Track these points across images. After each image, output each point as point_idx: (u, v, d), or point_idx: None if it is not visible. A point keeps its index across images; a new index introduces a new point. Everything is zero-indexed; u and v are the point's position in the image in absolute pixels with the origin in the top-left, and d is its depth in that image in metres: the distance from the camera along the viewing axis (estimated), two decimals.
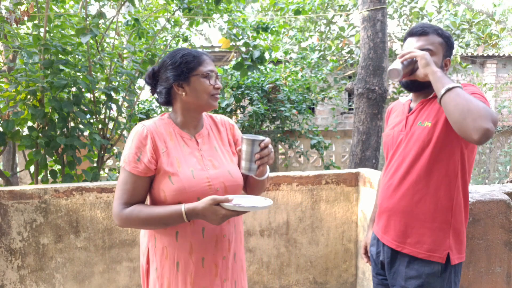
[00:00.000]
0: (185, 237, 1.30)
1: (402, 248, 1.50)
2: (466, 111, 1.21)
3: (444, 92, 1.29)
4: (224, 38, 5.04)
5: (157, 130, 1.32)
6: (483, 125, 1.18)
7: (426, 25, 1.50)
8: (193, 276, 1.31)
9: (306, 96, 6.42)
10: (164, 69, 1.35)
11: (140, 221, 1.25)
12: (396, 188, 1.52)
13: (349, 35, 7.53)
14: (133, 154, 1.27)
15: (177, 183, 1.27)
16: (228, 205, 1.17)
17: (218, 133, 1.47)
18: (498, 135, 8.67)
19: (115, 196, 1.30)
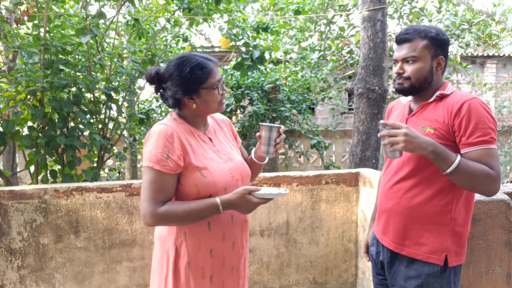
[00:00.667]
0: (217, 226, 1.39)
1: (401, 249, 1.50)
2: (472, 188, 1.38)
3: (445, 174, 1.36)
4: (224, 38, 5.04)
5: (179, 129, 1.39)
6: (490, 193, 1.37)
7: (410, 30, 1.47)
8: (225, 259, 1.43)
9: (306, 96, 6.41)
10: (172, 80, 1.38)
11: (177, 217, 1.31)
12: (396, 189, 1.52)
13: (349, 35, 7.53)
14: (160, 153, 1.31)
15: (209, 177, 1.36)
16: (260, 194, 1.31)
17: (220, 130, 1.58)
18: (498, 135, 8.67)
19: (143, 196, 1.31)
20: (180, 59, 1.39)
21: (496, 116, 9.48)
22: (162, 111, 7.19)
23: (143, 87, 4.30)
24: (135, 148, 6.25)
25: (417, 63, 1.45)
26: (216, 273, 1.42)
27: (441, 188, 1.42)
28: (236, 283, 1.49)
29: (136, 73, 3.69)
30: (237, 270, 1.49)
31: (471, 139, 1.35)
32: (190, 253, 1.38)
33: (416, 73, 1.45)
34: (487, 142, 1.34)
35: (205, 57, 1.41)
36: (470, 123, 1.35)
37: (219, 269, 1.43)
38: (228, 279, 1.46)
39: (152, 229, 2.31)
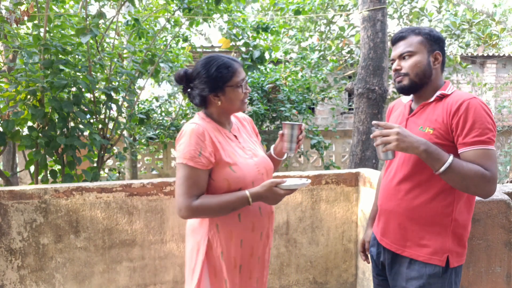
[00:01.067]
0: (247, 217, 1.49)
1: (402, 251, 1.49)
2: (465, 188, 1.35)
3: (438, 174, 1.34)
4: (224, 38, 5.04)
5: (208, 127, 1.48)
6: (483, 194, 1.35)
7: (404, 30, 1.51)
8: (253, 249, 1.53)
9: (306, 96, 6.41)
10: (199, 79, 1.49)
11: (210, 210, 1.41)
12: (396, 190, 1.51)
13: (349, 35, 7.53)
14: (194, 150, 1.41)
15: (238, 171, 1.46)
16: (285, 185, 1.41)
17: (243, 127, 1.69)
18: (498, 135, 8.67)
19: (179, 191, 1.41)
20: (208, 59, 1.51)
21: (496, 116, 9.48)
22: (162, 111, 7.20)
23: (143, 87, 4.30)
24: (135, 148, 6.25)
25: (413, 57, 1.46)
26: (245, 263, 1.52)
27: (441, 189, 1.42)
28: (261, 272, 1.60)
29: (136, 73, 3.69)
30: (262, 259, 1.59)
31: (467, 139, 1.34)
32: (223, 244, 1.47)
33: (413, 68, 1.45)
34: (483, 142, 1.33)
35: (230, 58, 1.52)
36: (467, 123, 1.34)
37: (248, 259, 1.52)
38: (255, 268, 1.56)
39: (152, 229, 2.31)
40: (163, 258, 2.34)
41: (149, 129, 6.63)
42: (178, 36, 5.48)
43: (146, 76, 3.97)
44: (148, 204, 2.29)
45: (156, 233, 2.32)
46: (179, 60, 5.81)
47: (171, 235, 2.33)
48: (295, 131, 1.56)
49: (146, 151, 7.47)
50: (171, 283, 2.36)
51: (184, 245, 2.34)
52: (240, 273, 1.51)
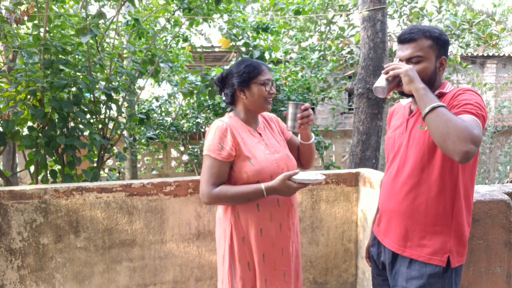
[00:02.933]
0: (265, 207, 1.61)
1: (403, 251, 1.49)
2: (446, 134, 1.24)
3: (425, 113, 1.30)
4: (224, 38, 5.04)
5: (233, 124, 1.64)
6: (462, 148, 1.21)
7: (414, 30, 1.47)
8: (274, 239, 1.62)
9: (306, 96, 6.41)
10: (231, 76, 1.68)
11: (228, 198, 1.55)
12: (397, 191, 1.52)
13: (349, 35, 7.53)
14: (217, 144, 1.57)
15: (257, 165, 1.59)
16: (298, 179, 1.50)
17: (269, 127, 1.82)
18: (498, 135, 8.67)
19: (202, 179, 1.58)
20: (240, 60, 1.70)
21: (496, 116, 9.48)
22: (162, 111, 7.19)
23: (143, 87, 4.30)
24: (135, 148, 6.25)
25: (422, 63, 1.44)
26: (268, 252, 1.61)
27: (442, 189, 1.42)
28: (287, 266, 1.66)
29: (136, 73, 3.69)
30: (287, 252, 1.65)
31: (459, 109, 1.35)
32: (244, 229, 1.61)
33: (421, 74, 1.43)
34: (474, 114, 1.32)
35: (261, 62, 1.69)
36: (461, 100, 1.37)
37: (270, 248, 1.61)
38: (279, 260, 1.63)
39: (152, 229, 2.31)
40: (163, 258, 2.34)
41: (149, 129, 6.63)
42: (178, 36, 5.48)
43: (146, 76, 3.97)
44: (148, 204, 2.29)
45: (156, 233, 2.32)
46: (179, 60, 5.81)
47: (171, 235, 2.33)
48: (297, 109, 1.63)
49: (146, 151, 7.47)
50: (171, 283, 2.36)
51: (184, 245, 2.35)
52: (264, 262, 1.61)
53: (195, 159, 6.36)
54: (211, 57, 10.64)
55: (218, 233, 1.70)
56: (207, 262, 2.38)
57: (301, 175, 1.53)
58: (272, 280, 1.62)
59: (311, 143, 1.80)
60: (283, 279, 1.64)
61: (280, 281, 1.63)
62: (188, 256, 2.36)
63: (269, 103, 1.67)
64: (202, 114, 6.50)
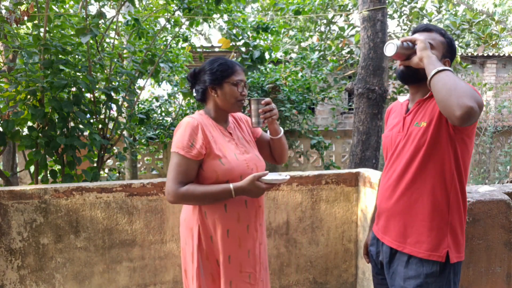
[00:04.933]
0: (233, 208, 1.58)
1: (403, 248, 1.50)
2: (453, 89, 1.23)
3: (434, 73, 1.31)
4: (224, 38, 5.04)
5: (204, 122, 1.60)
6: (466, 102, 1.19)
7: (431, 25, 1.55)
8: (241, 240, 1.60)
9: (306, 96, 6.41)
10: (203, 73, 1.65)
11: (195, 197, 1.52)
12: (394, 189, 1.53)
13: (349, 35, 7.53)
14: (186, 141, 1.52)
15: (227, 164, 1.56)
16: (267, 179, 1.51)
17: (239, 126, 1.79)
18: (498, 135, 8.67)
19: (169, 177, 1.53)
20: (214, 58, 1.66)
21: (496, 116, 9.48)
22: (162, 111, 7.20)
23: (143, 87, 4.30)
24: (135, 148, 6.25)
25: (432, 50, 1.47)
26: (234, 254, 1.59)
27: (439, 184, 1.43)
28: (253, 267, 1.64)
29: (136, 73, 3.69)
30: (253, 254, 1.64)
31: None
32: (211, 229, 1.58)
33: None
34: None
35: (235, 62, 1.67)
36: None
37: (236, 250, 1.59)
38: (246, 262, 1.61)
39: (152, 229, 2.31)
40: (163, 258, 2.34)
41: (149, 129, 6.64)
42: (178, 36, 5.48)
43: (146, 76, 3.97)
44: (148, 204, 2.29)
45: (156, 233, 2.32)
46: (179, 60, 5.81)
47: (171, 235, 2.33)
48: (259, 105, 1.64)
49: (146, 151, 7.47)
50: (171, 283, 2.36)
51: None
52: (230, 263, 1.58)
53: None
54: (211, 57, 10.64)
55: (184, 232, 1.66)
56: None
57: (269, 175, 1.54)
58: (238, 282, 1.59)
59: (280, 137, 1.79)
60: (248, 281, 1.61)
61: (245, 283, 1.60)
62: None
63: (240, 105, 1.65)
64: None
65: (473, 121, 1.22)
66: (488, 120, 9.20)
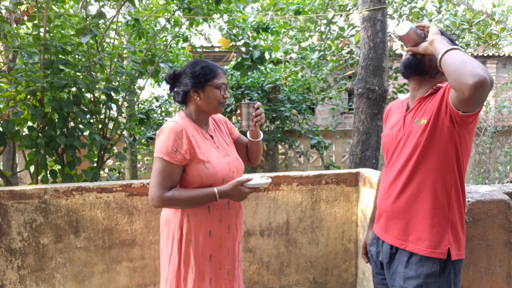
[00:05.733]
0: (216, 210, 1.62)
1: (405, 245, 1.50)
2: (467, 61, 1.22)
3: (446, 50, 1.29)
4: (224, 38, 5.04)
5: (186, 126, 1.61)
6: (480, 72, 1.18)
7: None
8: (222, 240, 1.65)
9: (306, 96, 6.41)
10: (185, 75, 1.65)
11: (180, 202, 1.54)
12: (395, 187, 1.53)
13: (349, 35, 7.53)
14: (171, 146, 1.53)
15: (211, 169, 1.59)
16: (250, 184, 1.54)
17: (218, 128, 1.81)
18: (498, 135, 8.67)
19: (153, 182, 1.54)
20: (195, 60, 1.69)
21: (496, 116, 9.48)
22: (162, 111, 7.20)
23: (143, 87, 4.30)
24: (135, 148, 6.25)
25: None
26: (215, 253, 1.64)
27: (439, 182, 1.44)
28: (232, 265, 1.70)
29: (136, 73, 3.69)
30: (232, 252, 1.70)
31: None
32: (192, 232, 1.60)
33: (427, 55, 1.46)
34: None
35: (216, 65, 1.68)
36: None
37: (217, 249, 1.64)
38: (225, 260, 1.67)
39: (152, 229, 2.31)
40: None
41: (149, 129, 6.63)
42: (178, 36, 5.47)
43: (146, 76, 3.97)
44: (148, 204, 2.29)
45: (156, 233, 2.32)
46: (179, 60, 5.80)
47: None
48: (250, 109, 1.68)
49: (146, 151, 7.47)
50: None
51: None
52: (211, 262, 1.63)
53: None
54: (211, 57, 10.65)
55: (164, 235, 1.67)
56: None
57: (253, 180, 1.56)
58: (216, 279, 1.65)
59: (259, 141, 1.84)
60: (227, 278, 1.68)
61: (224, 279, 1.67)
62: None
63: (222, 106, 1.68)
64: None
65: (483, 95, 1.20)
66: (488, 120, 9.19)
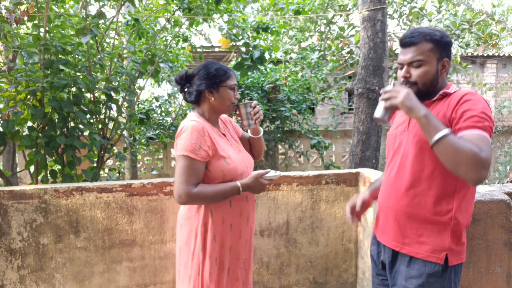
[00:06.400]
0: (236, 203, 1.73)
1: (401, 248, 1.50)
2: (456, 164, 1.26)
3: (432, 144, 1.30)
4: (224, 38, 5.04)
5: (205, 125, 1.69)
6: (473, 176, 1.25)
7: (415, 33, 1.46)
8: (241, 232, 1.75)
9: (306, 96, 6.41)
10: (198, 76, 1.73)
11: (207, 197, 1.62)
12: (396, 188, 1.52)
13: (349, 35, 7.53)
14: (194, 144, 1.61)
15: (232, 164, 1.69)
16: (268, 176, 1.68)
17: (227, 128, 1.91)
18: (498, 135, 8.66)
19: (179, 180, 1.60)
20: (208, 62, 1.77)
21: (496, 116, 9.47)
22: (162, 111, 7.20)
23: (143, 87, 4.30)
24: (135, 148, 6.25)
25: (423, 67, 1.44)
26: (234, 245, 1.74)
27: (441, 188, 1.42)
28: (248, 255, 1.81)
29: (136, 73, 3.69)
30: (249, 243, 1.81)
31: (464, 124, 1.34)
32: (216, 227, 1.68)
33: (422, 78, 1.44)
34: (480, 128, 1.31)
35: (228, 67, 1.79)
36: (465, 111, 1.35)
37: (237, 241, 1.74)
38: (243, 250, 1.77)
39: (152, 229, 2.31)
40: (163, 258, 2.34)
41: (149, 129, 6.63)
42: (178, 36, 5.48)
43: (146, 76, 3.97)
44: (148, 204, 2.29)
45: (156, 233, 2.32)
46: (179, 60, 5.81)
47: (171, 235, 2.33)
48: (248, 108, 1.78)
49: (146, 151, 7.47)
50: (171, 283, 2.36)
51: None
52: (230, 253, 1.73)
53: None
54: (211, 57, 10.65)
55: (185, 233, 1.72)
56: None
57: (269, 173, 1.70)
58: (234, 268, 1.75)
59: (260, 137, 1.95)
60: (243, 267, 1.79)
61: (240, 269, 1.77)
62: None
63: (233, 107, 1.78)
64: None
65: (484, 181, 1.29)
66: None
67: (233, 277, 1.75)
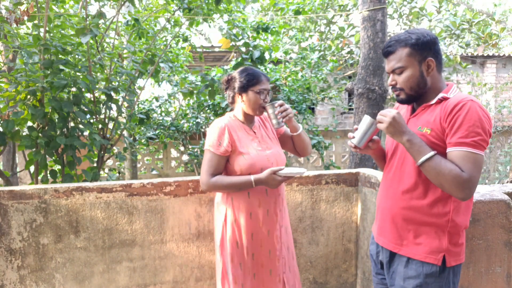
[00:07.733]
0: (255, 195, 1.90)
1: (399, 249, 1.50)
2: (440, 185, 1.36)
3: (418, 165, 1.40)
4: (224, 38, 5.04)
5: (231, 124, 1.92)
6: (458, 195, 1.34)
7: (391, 42, 1.48)
8: (262, 222, 1.91)
9: (306, 96, 6.41)
10: (234, 80, 1.96)
11: (223, 186, 1.86)
12: (394, 190, 1.52)
13: (349, 35, 7.53)
14: (215, 140, 1.87)
15: (249, 160, 1.87)
16: (282, 172, 1.78)
17: (264, 125, 2.08)
18: (498, 135, 8.66)
19: (203, 170, 1.88)
20: (245, 67, 1.98)
21: (496, 116, 9.48)
22: (162, 111, 7.19)
23: (143, 87, 4.30)
24: (135, 148, 6.25)
25: (405, 72, 1.46)
26: (256, 232, 1.90)
27: (438, 192, 1.42)
28: (273, 245, 1.93)
29: (136, 73, 3.69)
30: (272, 233, 1.93)
31: (453, 139, 1.35)
32: (235, 213, 1.90)
33: (406, 83, 1.46)
34: (468, 144, 1.32)
35: (261, 72, 1.95)
36: (456, 123, 1.35)
37: (258, 229, 1.90)
38: (265, 240, 1.92)
39: (152, 229, 2.31)
40: (163, 258, 2.34)
41: (149, 129, 6.63)
42: (178, 36, 5.48)
43: (146, 76, 3.97)
44: (148, 204, 2.29)
45: (156, 233, 2.32)
46: (179, 60, 5.80)
47: (171, 235, 2.33)
48: (274, 108, 1.90)
49: (146, 151, 7.47)
50: (171, 283, 2.36)
51: (184, 245, 2.35)
52: (252, 240, 1.90)
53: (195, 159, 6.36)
54: (211, 57, 10.65)
55: (218, 215, 1.97)
56: (207, 262, 2.38)
57: (286, 170, 1.79)
58: (258, 255, 1.92)
59: (300, 133, 2.04)
60: (268, 255, 1.93)
61: (265, 257, 1.92)
62: (188, 256, 2.36)
63: (262, 110, 1.94)
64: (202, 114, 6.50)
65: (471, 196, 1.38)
66: None
67: (258, 262, 1.92)
